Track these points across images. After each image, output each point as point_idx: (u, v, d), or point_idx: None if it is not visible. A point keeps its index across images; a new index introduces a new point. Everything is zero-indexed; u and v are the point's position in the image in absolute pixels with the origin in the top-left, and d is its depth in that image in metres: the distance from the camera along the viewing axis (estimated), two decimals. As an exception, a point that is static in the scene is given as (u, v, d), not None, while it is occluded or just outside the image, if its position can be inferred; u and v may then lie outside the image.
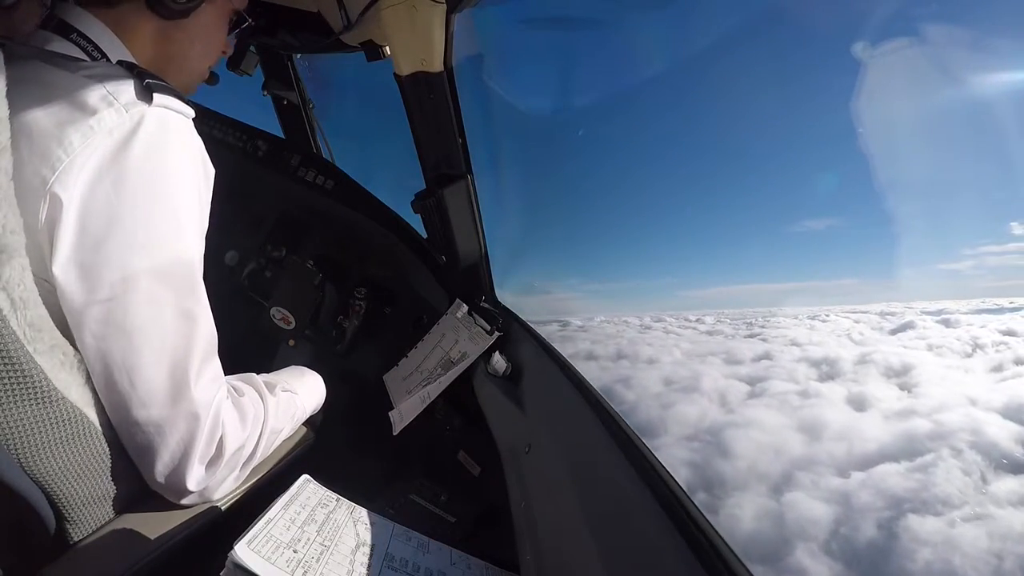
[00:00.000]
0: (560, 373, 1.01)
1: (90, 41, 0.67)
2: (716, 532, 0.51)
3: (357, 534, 0.62)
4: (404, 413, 1.26)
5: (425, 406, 1.24)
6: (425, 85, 1.14)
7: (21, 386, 0.52)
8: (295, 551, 0.54)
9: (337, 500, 0.66)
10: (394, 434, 1.24)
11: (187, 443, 0.62)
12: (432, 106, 1.17)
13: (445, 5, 1.00)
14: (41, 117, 0.53)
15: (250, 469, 0.74)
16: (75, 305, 0.55)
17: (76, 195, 0.53)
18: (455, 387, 1.24)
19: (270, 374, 0.88)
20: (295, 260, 1.53)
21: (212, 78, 0.88)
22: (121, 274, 0.55)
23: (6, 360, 0.50)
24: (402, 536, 0.66)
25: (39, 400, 0.53)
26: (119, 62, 0.63)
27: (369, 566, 0.59)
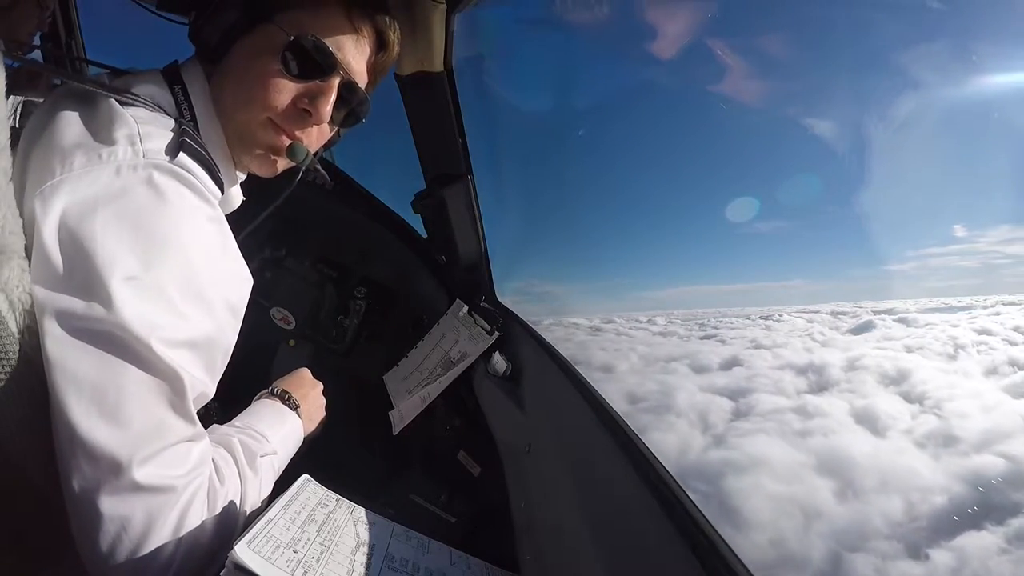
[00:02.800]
0: (560, 373, 1.01)
1: (187, 97, 0.66)
2: (716, 532, 0.51)
3: (357, 534, 0.62)
4: (404, 413, 1.26)
5: (425, 406, 1.24)
6: (425, 85, 1.14)
7: (20, 389, 0.52)
8: (295, 551, 0.54)
9: (337, 500, 0.66)
10: (394, 434, 1.24)
11: (120, 542, 0.50)
12: (432, 106, 1.17)
13: (445, 5, 1.00)
14: (67, 133, 0.54)
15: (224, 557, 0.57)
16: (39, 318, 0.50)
17: (55, 215, 0.50)
18: (455, 387, 1.24)
19: (245, 419, 0.76)
20: (295, 260, 1.53)
21: (311, 159, 0.74)
22: (96, 326, 0.49)
23: (5, 363, 0.50)
24: (402, 536, 0.66)
25: (38, 404, 0.53)
26: (178, 120, 0.62)
27: (369, 566, 0.59)
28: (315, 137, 0.74)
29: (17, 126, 0.61)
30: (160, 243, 0.52)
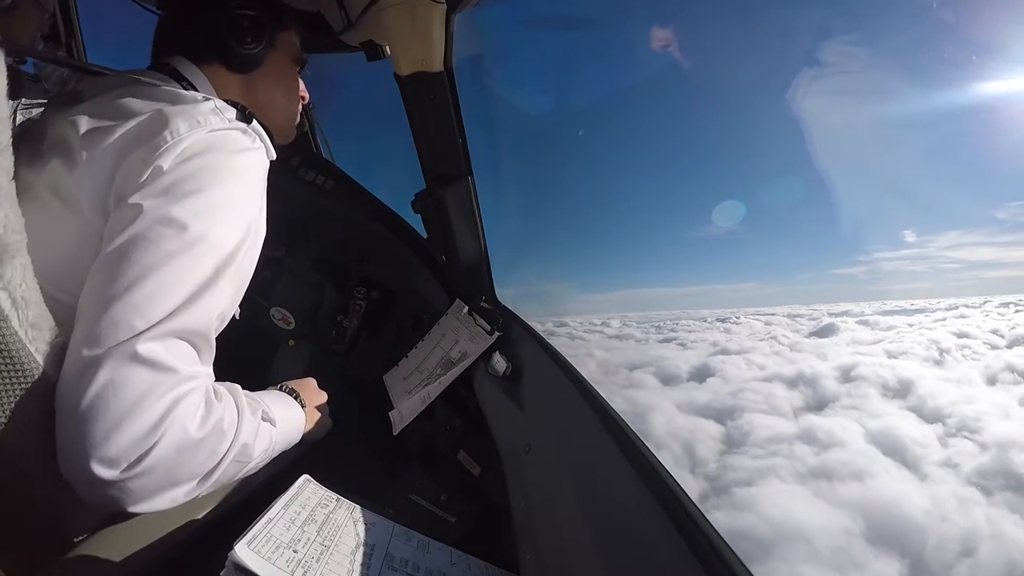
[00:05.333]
0: (560, 373, 1.01)
1: (196, 90, 0.77)
2: (716, 532, 0.51)
3: (357, 534, 0.62)
4: (404, 413, 1.26)
5: (425, 406, 1.24)
6: (425, 85, 1.14)
7: (23, 386, 0.52)
8: (295, 551, 0.54)
9: (337, 500, 0.66)
10: (394, 434, 1.25)
11: (106, 402, 0.51)
12: (432, 106, 1.17)
13: (445, 5, 1.00)
14: (158, 117, 0.63)
15: (199, 491, 0.61)
16: (113, 232, 0.58)
17: (172, 164, 0.61)
18: (455, 387, 1.24)
19: (255, 393, 0.79)
20: (295, 260, 1.53)
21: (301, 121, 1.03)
22: (160, 216, 0.58)
23: (7, 360, 0.50)
24: (402, 536, 0.66)
25: (41, 401, 0.53)
26: (229, 101, 0.74)
27: (369, 566, 0.59)
28: None
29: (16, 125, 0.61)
30: (235, 181, 0.65)
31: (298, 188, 1.52)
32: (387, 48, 1.16)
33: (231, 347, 0.70)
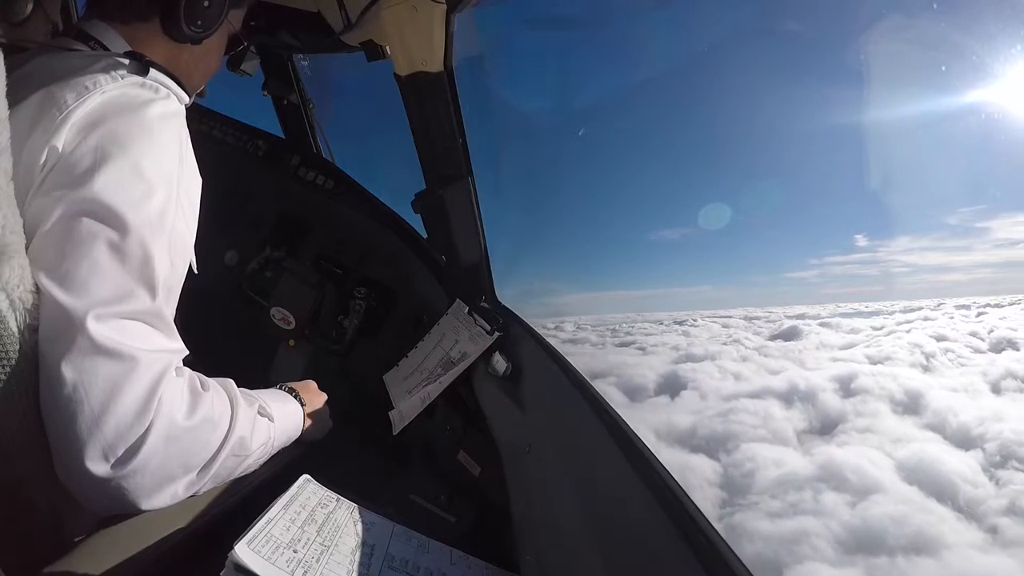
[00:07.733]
0: (560, 373, 1.01)
1: (105, 48, 0.72)
2: (716, 532, 0.51)
3: (357, 534, 0.62)
4: (404, 413, 1.26)
5: (425, 406, 1.24)
6: (425, 85, 1.14)
7: (21, 388, 0.52)
8: (295, 551, 0.54)
9: (337, 500, 0.66)
10: (394, 434, 1.25)
11: (80, 401, 0.51)
12: (432, 106, 1.17)
13: (445, 5, 1.00)
14: (46, 94, 0.58)
15: (199, 485, 0.60)
16: (33, 234, 0.55)
17: (69, 142, 0.57)
18: (455, 387, 1.24)
19: (252, 391, 0.79)
20: (295, 260, 1.54)
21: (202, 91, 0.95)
22: (73, 206, 0.55)
23: (5, 362, 0.50)
24: (402, 536, 0.66)
25: (39, 402, 0.53)
26: (126, 53, 0.69)
27: (369, 566, 0.59)
28: None
29: None
30: (142, 141, 0.60)
31: (298, 188, 1.53)
32: (387, 48, 1.17)
33: (232, 347, 0.70)
